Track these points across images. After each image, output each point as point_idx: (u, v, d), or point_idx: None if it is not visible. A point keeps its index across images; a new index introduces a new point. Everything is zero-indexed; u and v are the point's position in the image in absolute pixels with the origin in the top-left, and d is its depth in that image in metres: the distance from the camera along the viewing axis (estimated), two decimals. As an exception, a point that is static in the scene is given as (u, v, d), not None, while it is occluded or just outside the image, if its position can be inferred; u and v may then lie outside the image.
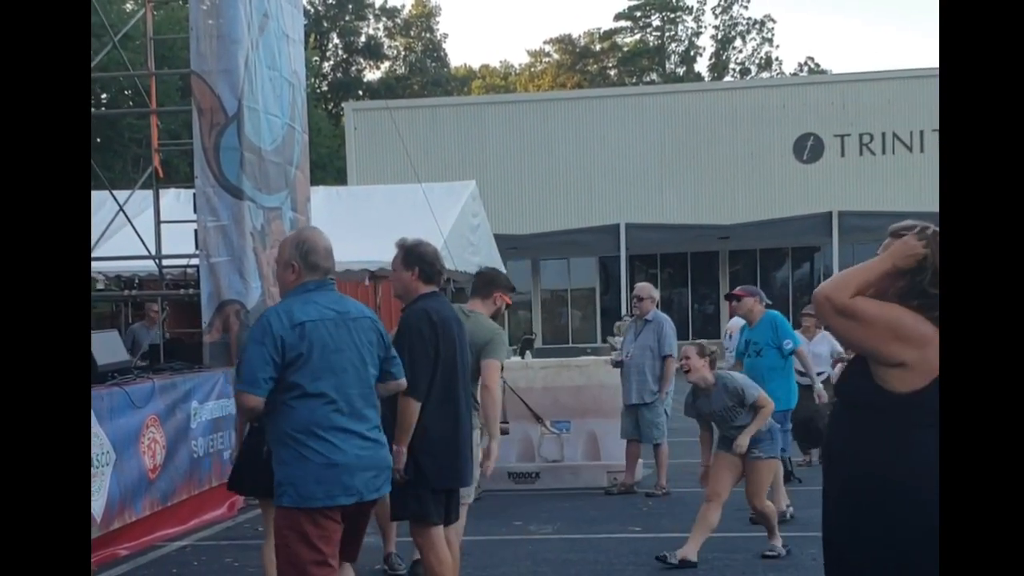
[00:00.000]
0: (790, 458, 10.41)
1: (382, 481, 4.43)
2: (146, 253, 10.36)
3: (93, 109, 27.21)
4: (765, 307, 9.02)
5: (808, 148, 31.91)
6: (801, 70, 57.50)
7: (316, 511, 4.19)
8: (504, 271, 18.74)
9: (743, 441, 6.88)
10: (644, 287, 10.07)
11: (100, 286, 13.81)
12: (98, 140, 30.25)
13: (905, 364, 3.08)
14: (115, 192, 11.12)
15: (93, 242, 9.33)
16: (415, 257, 5.47)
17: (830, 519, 3.32)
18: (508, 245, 24.13)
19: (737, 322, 10.88)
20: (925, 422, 3.06)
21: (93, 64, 9.62)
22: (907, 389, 3.09)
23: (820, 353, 10.58)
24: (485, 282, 6.50)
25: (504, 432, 10.54)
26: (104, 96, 32.27)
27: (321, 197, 14.47)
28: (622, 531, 8.10)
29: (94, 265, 10.28)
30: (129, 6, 34.22)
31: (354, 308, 4.48)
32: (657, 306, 10.19)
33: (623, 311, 24.44)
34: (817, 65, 58.34)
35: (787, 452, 8.42)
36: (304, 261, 4.37)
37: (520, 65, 66.31)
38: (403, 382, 4.75)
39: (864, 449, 3.22)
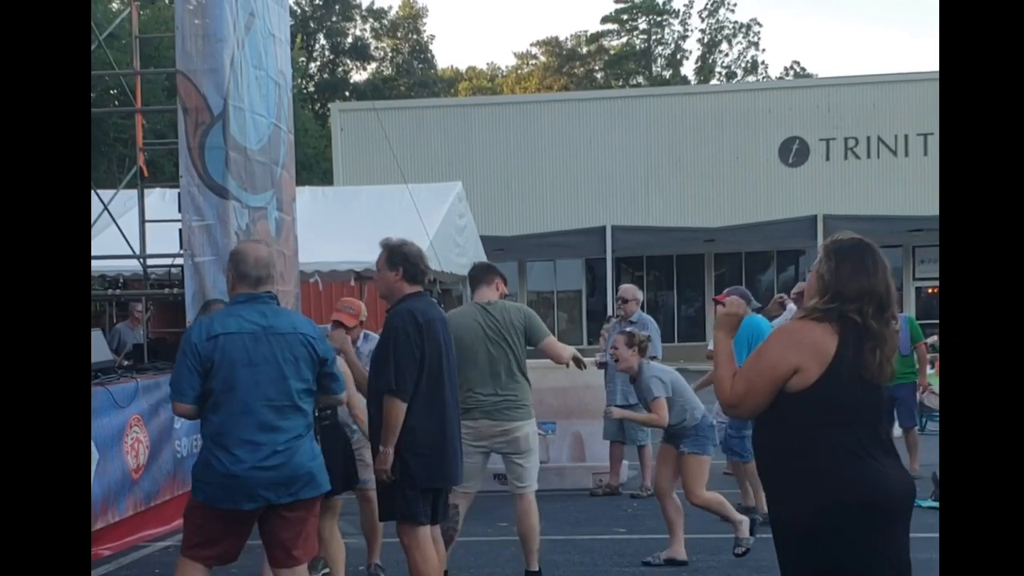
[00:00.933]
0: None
1: (299, 487, 4.55)
2: (131, 252, 10.31)
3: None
4: (753, 310, 8.96)
5: (794, 151, 31.98)
6: (787, 74, 57.67)
7: (219, 508, 4.47)
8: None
9: (618, 412, 7.79)
10: (628, 289, 10.08)
11: (84, 285, 13.72)
12: (83, 139, 30.06)
13: (799, 368, 3.27)
14: (100, 192, 11.06)
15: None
16: (399, 257, 5.47)
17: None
18: (494, 247, 24.12)
19: None
20: (818, 422, 3.26)
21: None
22: (803, 386, 3.27)
23: None
24: (483, 269, 6.75)
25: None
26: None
27: (307, 197, 14.42)
28: (607, 532, 8.10)
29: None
30: (115, 5, 34.07)
31: (285, 323, 4.60)
32: (642, 308, 10.20)
33: (609, 313, 24.45)
34: (803, 69, 58.56)
35: (747, 457, 8.33)
36: (235, 271, 4.57)
37: (507, 67, 66.40)
38: (341, 397, 4.96)
39: (763, 454, 3.52)
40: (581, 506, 9.21)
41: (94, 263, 11.52)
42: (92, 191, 11.15)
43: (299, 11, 53.76)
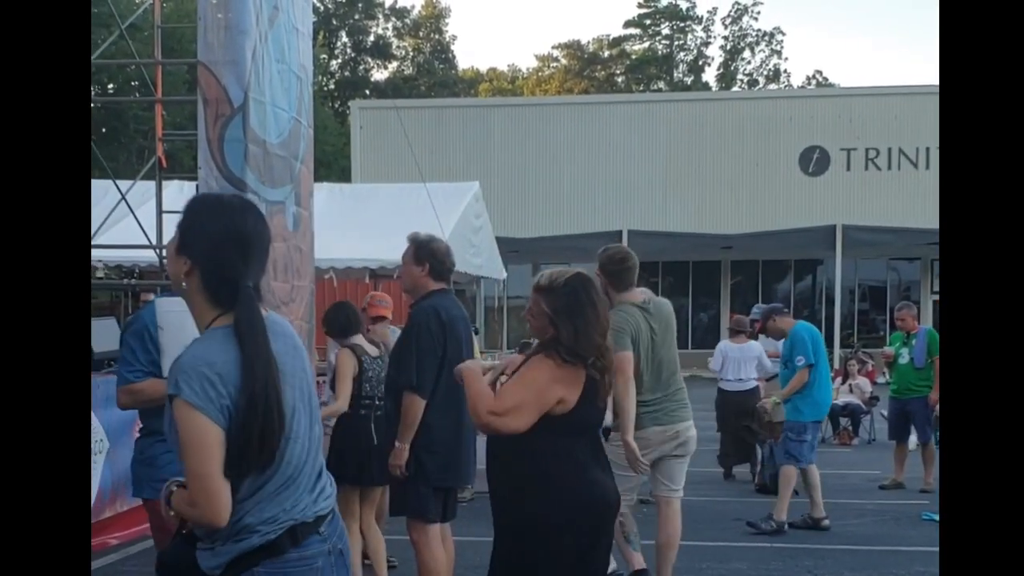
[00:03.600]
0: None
1: None
2: (147, 243, 10.32)
3: (99, 97, 27.17)
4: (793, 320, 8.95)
5: (814, 161, 31.89)
6: (809, 83, 57.57)
7: None
8: (505, 274, 18.52)
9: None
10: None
11: (100, 274, 13.77)
12: (103, 130, 30.23)
13: (563, 400, 3.65)
14: (118, 182, 11.09)
15: (94, 231, 9.29)
16: (426, 252, 5.48)
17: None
18: (509, 248, 24.11)
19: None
20: (562, 432, 3.65)
21: (100, 52, 9.60)
22: (562, 412, 3.65)
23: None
24: (630, 265, 6.35)
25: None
26: (111, 86, 32.25)
27: (324, 194, 14.42)
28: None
29: (94, 253, 10.24)
30: (138, -3, 34.21)
31: None
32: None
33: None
34: (825, 79, 58.44)
35: (803, 462, 8.25)
36: None
37: (528, 69, 66.39)
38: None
39: (498, 458, 3.80)
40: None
41: (111, 253, 11.56)
42: (111, 181, 11.19)
43: (322, 8, 53.92)
